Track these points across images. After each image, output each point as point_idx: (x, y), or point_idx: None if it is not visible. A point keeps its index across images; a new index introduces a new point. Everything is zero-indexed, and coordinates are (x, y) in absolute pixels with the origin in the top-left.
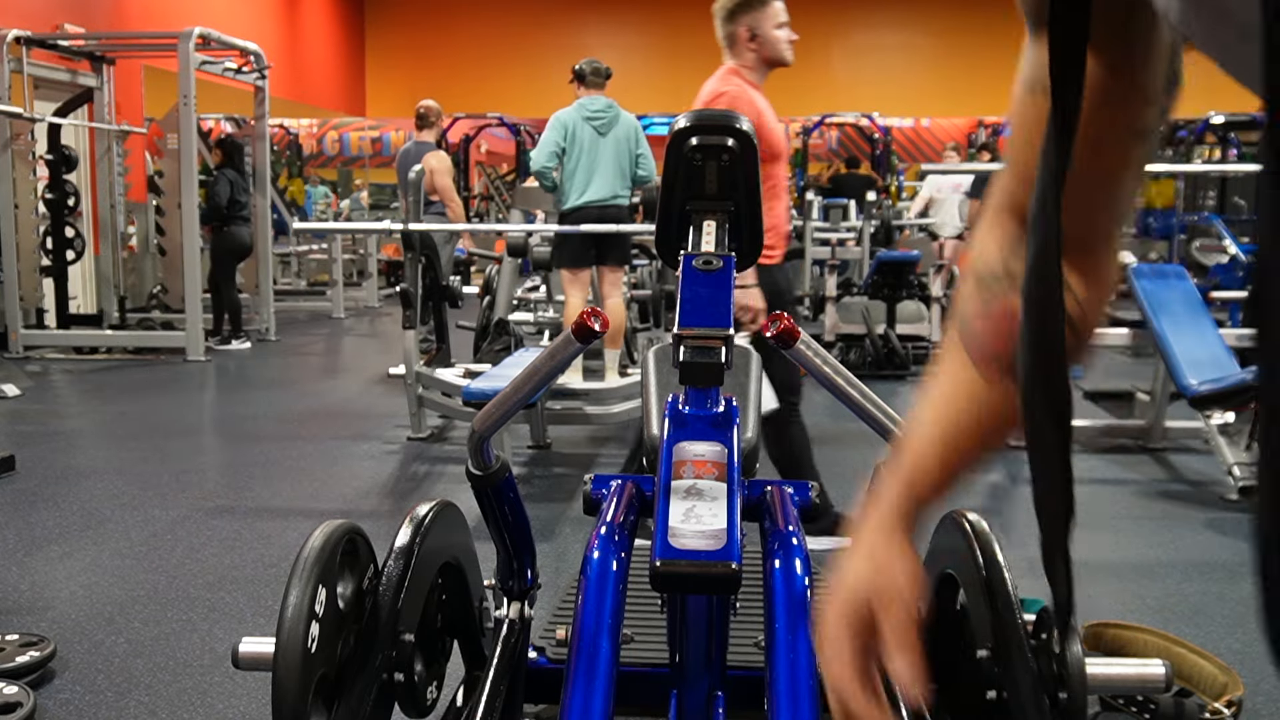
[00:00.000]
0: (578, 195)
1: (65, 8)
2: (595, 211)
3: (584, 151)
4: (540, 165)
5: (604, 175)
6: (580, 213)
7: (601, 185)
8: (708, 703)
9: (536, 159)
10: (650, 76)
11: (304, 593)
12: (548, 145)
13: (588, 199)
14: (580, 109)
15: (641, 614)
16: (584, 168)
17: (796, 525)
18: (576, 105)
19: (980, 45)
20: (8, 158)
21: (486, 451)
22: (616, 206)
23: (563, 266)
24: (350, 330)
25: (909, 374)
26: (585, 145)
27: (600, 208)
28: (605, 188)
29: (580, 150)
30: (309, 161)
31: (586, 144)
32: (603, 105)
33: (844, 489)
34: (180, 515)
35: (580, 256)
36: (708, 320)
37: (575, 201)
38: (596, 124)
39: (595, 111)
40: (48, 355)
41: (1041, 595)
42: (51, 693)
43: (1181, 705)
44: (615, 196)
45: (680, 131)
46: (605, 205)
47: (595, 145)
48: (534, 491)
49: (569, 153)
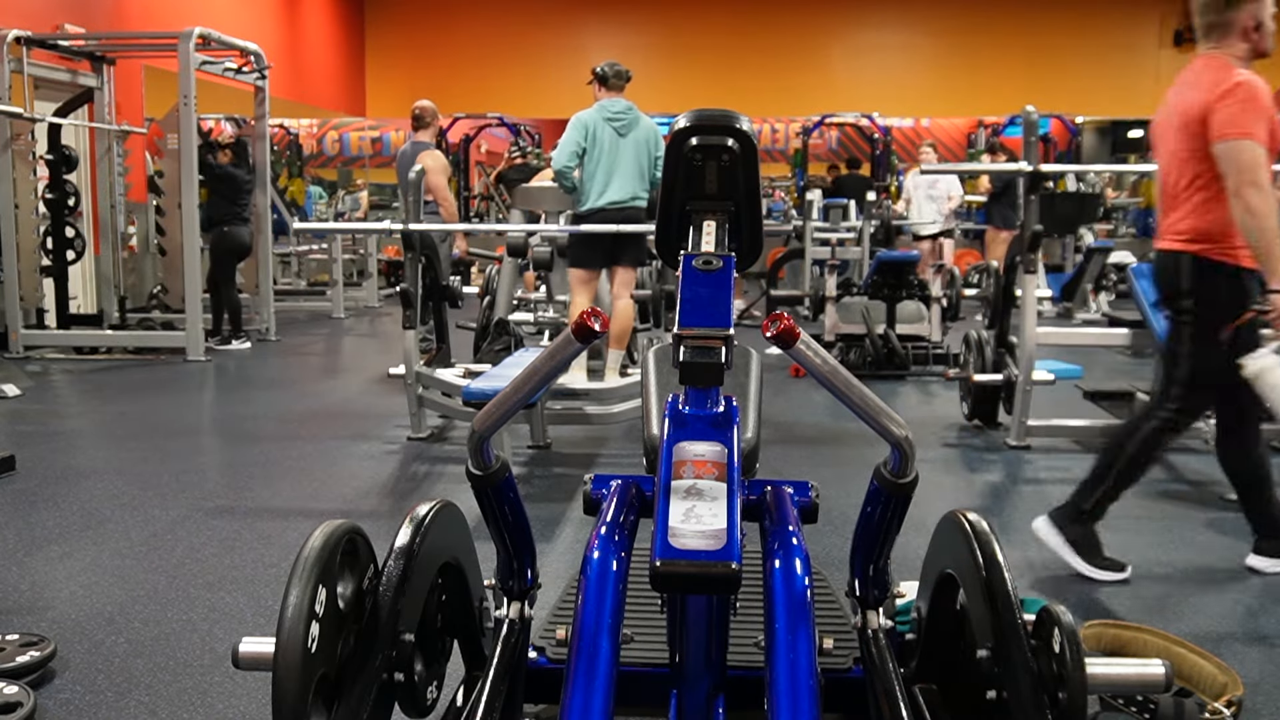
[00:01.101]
0: (597, 196)
1: (65, 8)
2: (614, 213)
3: (604, 153)
4: (562, 165)
5: (623, 177)
6: (600, 214)
7: (621, 186)
8: (708, 703)
9: (558, 159)
10: (650, 76)
11: (304, 593)
12: (569, 145)
13: (607, 200)
14: (601, 110)
15: (641, 614)
16: (604, 169)
17: (796, 525)
18: (597, 107)
19: (980, 45)
20: (8, 158)
21: (486, 451)
22: (635, 208)
23: (576, 266)
24: (350, 330)
25: (909, 374)
26: (605, 147)
27: (619, 209)
28: (624, 189)
29: (601, 151)
30: (309, 161)
31: (607, 145)
32: (623, 107)
33: (844, 489)
34: (180, 515)
35: (594, 258)
36: (708, 320)
37: (595, 203)
38: (617, 125)
39: (616, 113)
40: (48, 355)
41: (1041, 595)
42: (51, 693)
43: (1181, 705)
44: (634, 198)
45: (680, 131)
46: (624, 206)
47: (615, 147)
48: (534, 491)
49: (589, 154)
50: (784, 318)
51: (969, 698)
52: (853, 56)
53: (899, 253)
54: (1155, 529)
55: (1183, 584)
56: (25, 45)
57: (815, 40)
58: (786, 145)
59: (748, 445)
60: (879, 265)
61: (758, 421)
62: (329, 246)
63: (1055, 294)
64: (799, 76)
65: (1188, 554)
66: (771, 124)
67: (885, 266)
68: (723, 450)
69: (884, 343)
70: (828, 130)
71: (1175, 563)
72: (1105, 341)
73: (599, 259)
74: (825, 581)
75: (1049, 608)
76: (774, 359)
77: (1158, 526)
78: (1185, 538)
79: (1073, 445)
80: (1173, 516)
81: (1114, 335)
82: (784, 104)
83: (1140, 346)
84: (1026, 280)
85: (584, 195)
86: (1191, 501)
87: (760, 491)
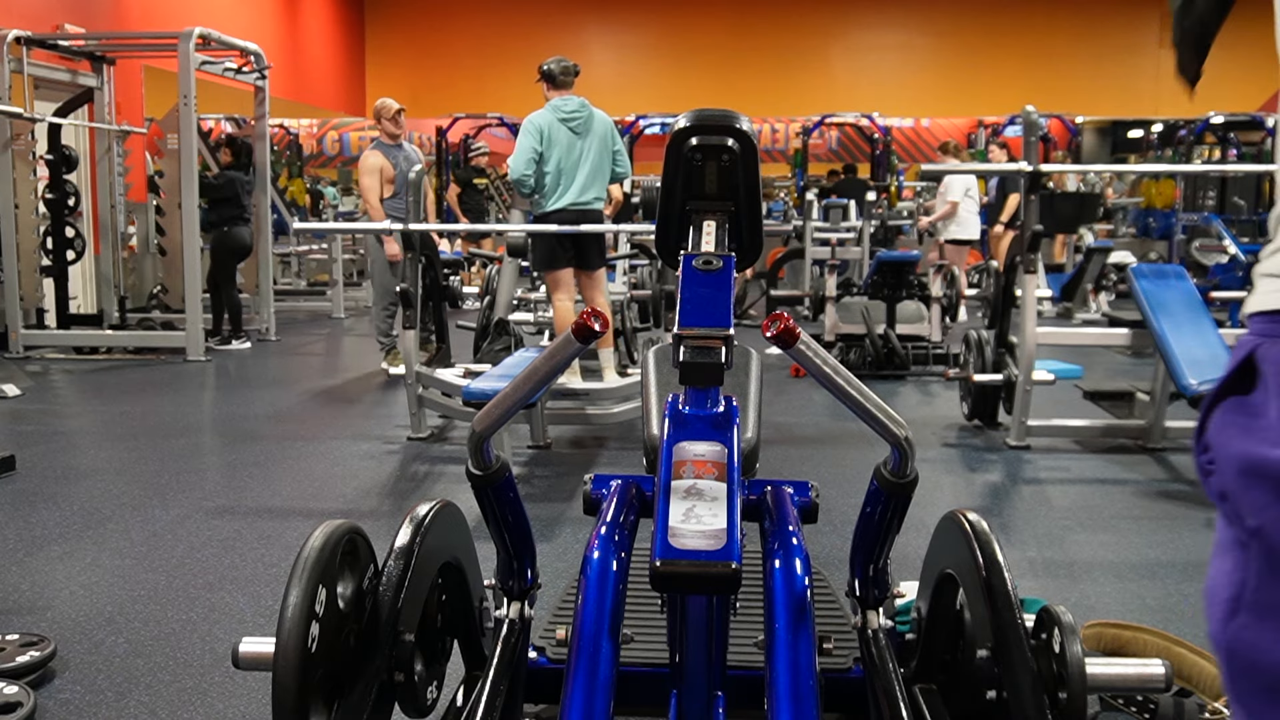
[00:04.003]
0: (556, 198)
1: (65, 8)
2: (574, 214)
3: (563, 154)
4: (519, 174)
5: (583, 177)
6: (559, 214)
7: (580, 188)
8: (708, 703)
9: (515, 167)
10: (650, 76)
11: (304, 593)
12: (525, 152)
13: (566, 202)
14: (555, 110)
15: (641, 614)
16: (565, 171)
17: (796, 525)
18: (550, 107)
19: (980, 45)
20: (8, 158)
21: (486, 451)
22: (595, 210)
23: (550, 269)
24: (350, 330)
25: (909, 374)
26: (564, 148)
27: (579, 211)
28: (584, 190)
29: (558, 153)
30: (309, 161)
31: (564, 146)
32: (577, 105)
33: (844, 489)
34: (180, 515)
35: (558, 257)
36: (708, 320)
37: (554, 204)
38: (573, 124)
39: (571, 112)
40: (48, 355)
41: (1041, 595)
42: (51, 693)
43: (1181, 705)
44: (595, 199)
45: (680, 131)
46: (584, 209)
47: (573, 147)
48: (534, 491)
49: (546, 156)
50: (784, 318)
51: (969, 698)
52: (853, 56)
53: (899, 253)
54: (1155, 529)
55: (1183, 584)
56: (25, 45)
57: (815, 40)
58: (786, 145)
59: (748, 445)
60: (879, 265)
61: (758, 421)
62: (329, 246)
63: (1055, 294)
64: (799, 76)
65: (1188, 554)
66: (771, 124)
67: (885, 266)
68: (723, 450)
69: (884, 343)
70: (828, 130)
71: (1175, 563)
72: (1105, 341)
73: (563, 258)
74: (825, 581)
75: (1049, 608)
76: (774, 359)
77: (1158, 526)
78: (1185, 538)
79: (1073, 445)
80: (1173, 516)
81: (1114, 335)
82: (784, 104)
83: (1140, 346)
84: (1026, 280)
85: (542, 198)
86: (1191, 501)
87: (760, 491)
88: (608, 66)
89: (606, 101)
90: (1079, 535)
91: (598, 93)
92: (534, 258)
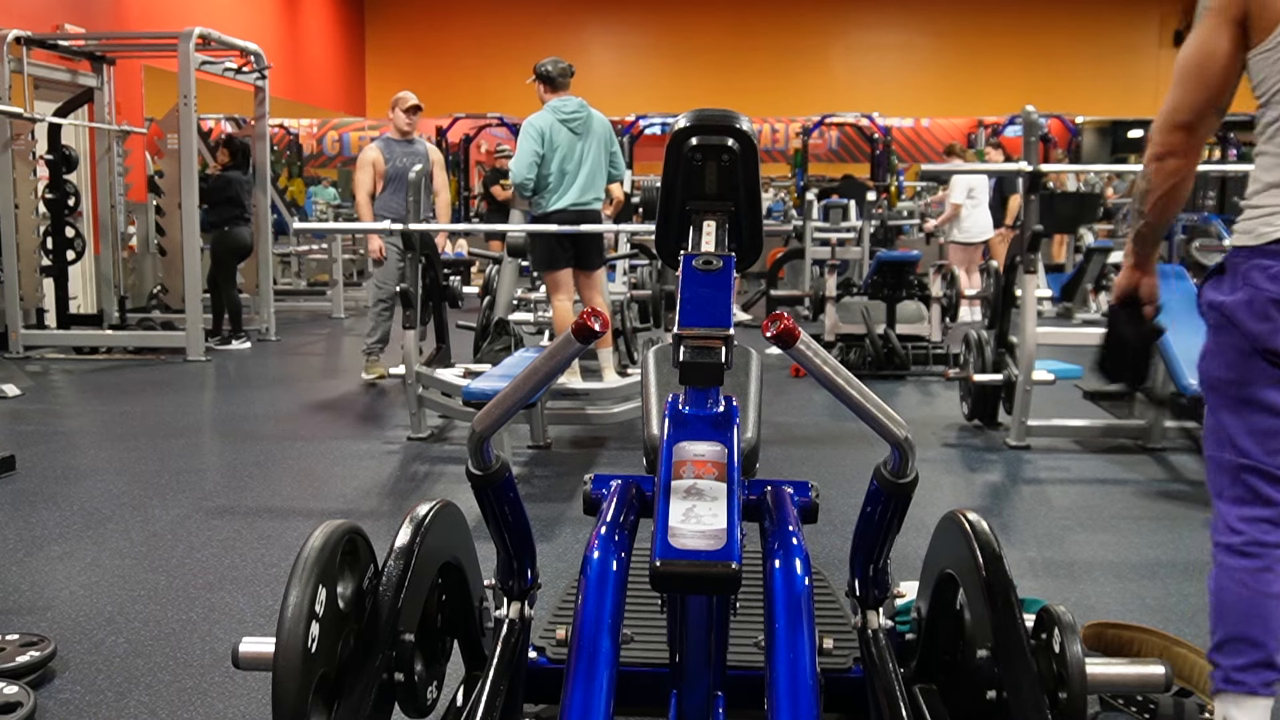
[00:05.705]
0: (556, 199)
1: (65, 8)
2: (573, 215)
3: (564, 156)
4: (522, 178)
5: (583, 178)
6: (559, 215)
7: (580, 188)
8: (708, 703)
9: (517, 171)
10: (650, 76)
11: (304, 593)
12: (527, 155)
13: (566, 203)
14: (554, 112)
15: (641, 614)
16: (565, 172)
17: (796, 525)
18: (549, 108)
19: (980, 45)
20: (8, 158)
21: (486, 451)
22: (593, 210)
23: (550, 269)
24: (350, 330)
25: (909, 374)
26: (564, 149)
27: (578, 211)
28: (583, 190)
29: (559, 154)
30: (309, 161)
31: (564, 147)
32: (576, 106)
33: (844, 489)
34: (180, 515)
35: (558, 257)
36: (708, 320)
37: (554, 205)
38: (573, 125)
39: (570, 114)
40: (48, 355)
41: (1041, 595)
42: (51, 693)
43: (1181, 705)
44: (594, 200)
45: (680, 131)
46: (584, 209)
47: (573, 148)
48: (534, 491)
49: (547, 158)
50: (784, 318)
51: (969, 698)
52: (853, 56)
53: (899, 253)
54: (1155, 529)
55: (1183, 584)
56: (25, 45)
57: (815, 40)
58: (786, 145)
59: (748, 445)
60: (879, 265)
61: (758, 421)
62: (329, 246)
63: (1055, 294)
64: (799, 76)
65: (1188, 554)
66: (771, 124)
67: (885, 266)
68: (723, 450)
69: (884, 343)
70: (828, 130)
71: (1175, 563)
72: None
73: (563, 258)
74: (825, 581)
75: (1049, 608)
76: (774, 359)
77: (1158, 526)
78: (1185, 538)
79: (1073, 445)
80: (1173, 516)
81: None
82: (784, 104)
83: None
84: (1026, 280)
85: (542, 199)
86: (1191, 501)
87: (760, 491)
88: (608, 66)
89: (606, 101)
90: (1079, 535)
91: (597, 93)
92: (534, 258)
